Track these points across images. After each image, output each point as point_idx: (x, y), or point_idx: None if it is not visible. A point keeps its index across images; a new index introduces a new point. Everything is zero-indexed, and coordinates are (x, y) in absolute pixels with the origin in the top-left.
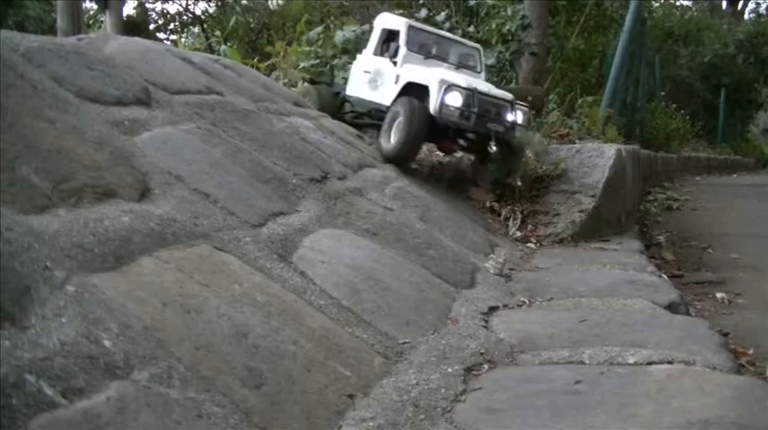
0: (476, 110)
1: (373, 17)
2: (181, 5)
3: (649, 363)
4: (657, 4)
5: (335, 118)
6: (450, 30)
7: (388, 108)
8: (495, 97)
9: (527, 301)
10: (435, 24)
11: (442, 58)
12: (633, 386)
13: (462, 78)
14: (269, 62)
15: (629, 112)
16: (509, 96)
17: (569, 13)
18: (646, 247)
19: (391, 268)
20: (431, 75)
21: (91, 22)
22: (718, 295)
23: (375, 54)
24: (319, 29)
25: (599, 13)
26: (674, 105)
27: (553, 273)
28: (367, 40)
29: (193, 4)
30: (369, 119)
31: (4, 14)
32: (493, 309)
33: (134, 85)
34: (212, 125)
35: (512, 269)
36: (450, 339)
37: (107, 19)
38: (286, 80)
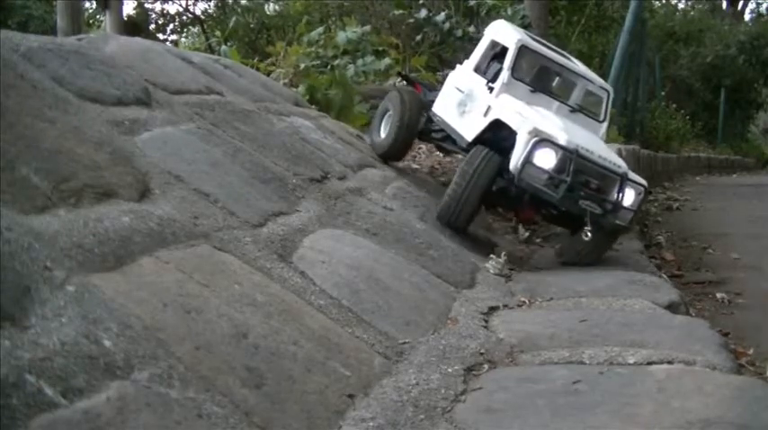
0: (568, 179)
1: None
2: (181, 6)
3: (649, 363)
4: (659, 4)
5: (421, 135)
6: (450, 30)
7: (468, 145)
8: (603, 166)
9: (527, 301)
10: (435, 24)
11: (556, 94)
12: (633, 386)
13: (564, 130)
14: (269, 62)
15: (629, 112)
16: (622, 167)
17: (569, 13)
18: (646, 247)
19: (391, 268)
20: (525, 118)
21: (91, 21)
22: (718, 295)
23: (475, 70)
24: (320, 29)
25: (599, 14)
26: (674, 105)
27: (553, 273)
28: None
29: (193, 4)
30: (458, 147)
31: (6, 16)
32: (493, 309)
33: (134, 85)
34: (212, 125)
35: (512, 269)
36: (450, 339)
37: (107, 19)
38: (286, 80)
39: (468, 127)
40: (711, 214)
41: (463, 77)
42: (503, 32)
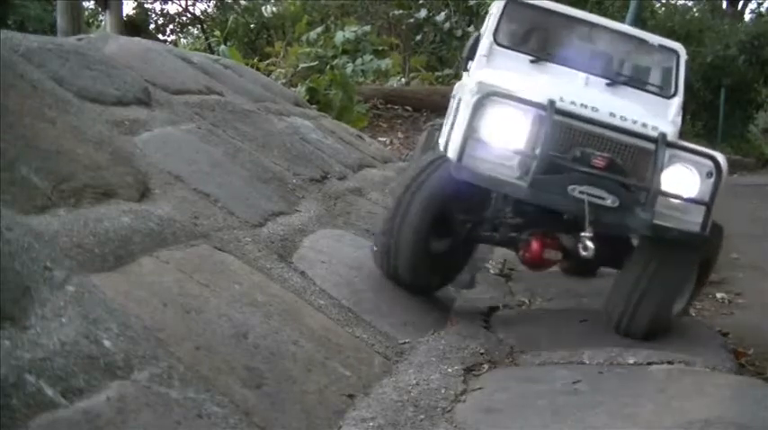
0: (538, 151)
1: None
2: (180, 6)
3: (649, 363)
4: (659, 4)
5: None
6: (450, 30)
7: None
8: (612, 126)
9: (527, 301)
10: (435, 24)
11: (579, 63)
12: (633, 386)
13: (552, 85)
14: (269, 62)
15: None
16: (656, 130)
17: None
18: None
19: None
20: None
21: (91, 21)
22: (718, 295)
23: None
24: (319, 29)
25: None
26: None
27: (553, 273)
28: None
29: (192, 4)
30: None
31: (4, 15)
32: (493, 309)
33: (134, 85)
34: (212, 125)
35: (512, 269)
36: (450, 339)
37: (107, 19)
38: (285, 80)
39: (443, 134)
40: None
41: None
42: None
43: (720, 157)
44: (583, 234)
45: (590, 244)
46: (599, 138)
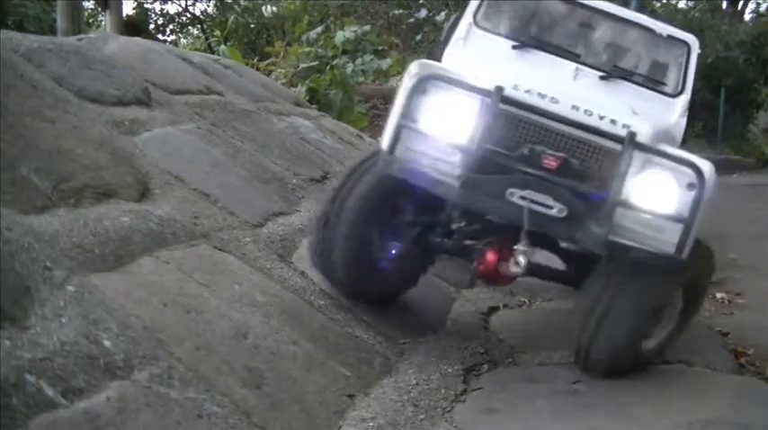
0: (474, 146)
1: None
2: (180, 6)
3: (649, 364)
4: (659, 4)
5: None
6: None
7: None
8: (569, 120)
9: (527, 301)
10: (435, 24)
11: (571, 52)
12: (632, 386)
13: (512, 74)
14: (269, 62)
15: None
16: (627, 128)
17: None
18: None
19: None
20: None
21: (91, 21)
22: (718, 295)
23: None
24: (319, 29)
25: None
26: None
27: None
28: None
29: (192, 4)
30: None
31: (3, 15)
32: (493, 309)
33: (134, 85)
34: (212, 125)
35: None
36: (451, 339)
37: (107, 19)
38: (285, 80)
39: None
40: (711, 214)
41: None
42: None
43: (705, 166)
44: (516, 247)
45: (522, 259)
46: (556, 134)
